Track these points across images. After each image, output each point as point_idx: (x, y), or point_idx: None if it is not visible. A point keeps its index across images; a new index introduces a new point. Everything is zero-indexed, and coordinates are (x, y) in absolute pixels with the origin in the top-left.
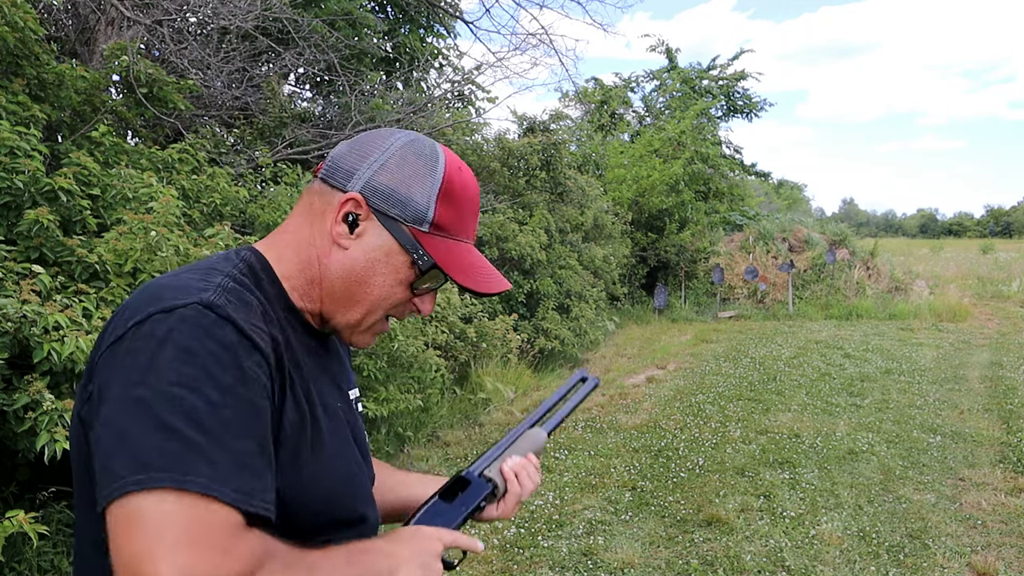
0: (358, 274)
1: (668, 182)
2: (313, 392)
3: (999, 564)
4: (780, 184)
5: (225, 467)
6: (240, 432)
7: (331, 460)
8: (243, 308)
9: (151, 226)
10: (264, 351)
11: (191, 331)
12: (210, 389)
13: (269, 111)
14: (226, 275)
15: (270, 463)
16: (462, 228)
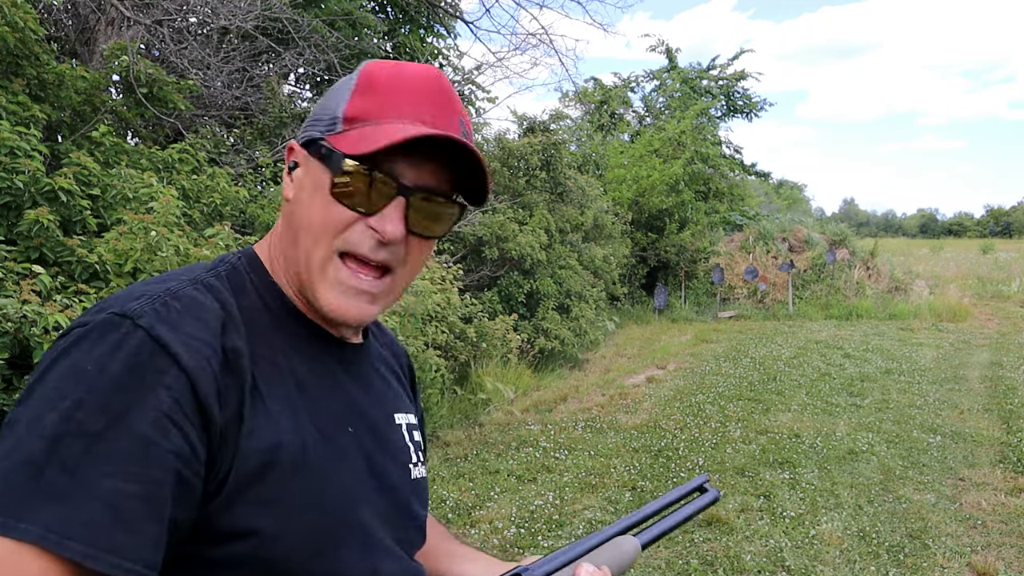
0: (295, 213)
1: (668, 182)
2: (303, 412)
3: (999, 564)
4: (780, 184)
5: (80, 512)
6: (123, 473)
7: (311, 495)
8: (182, 317)
9: (151, 226)
10: (188, 367)
11: (90, 346)
12: (94, 416)
13: (269, 111)
14: (188, 280)
15: (158, 513)
16: (389, 111)
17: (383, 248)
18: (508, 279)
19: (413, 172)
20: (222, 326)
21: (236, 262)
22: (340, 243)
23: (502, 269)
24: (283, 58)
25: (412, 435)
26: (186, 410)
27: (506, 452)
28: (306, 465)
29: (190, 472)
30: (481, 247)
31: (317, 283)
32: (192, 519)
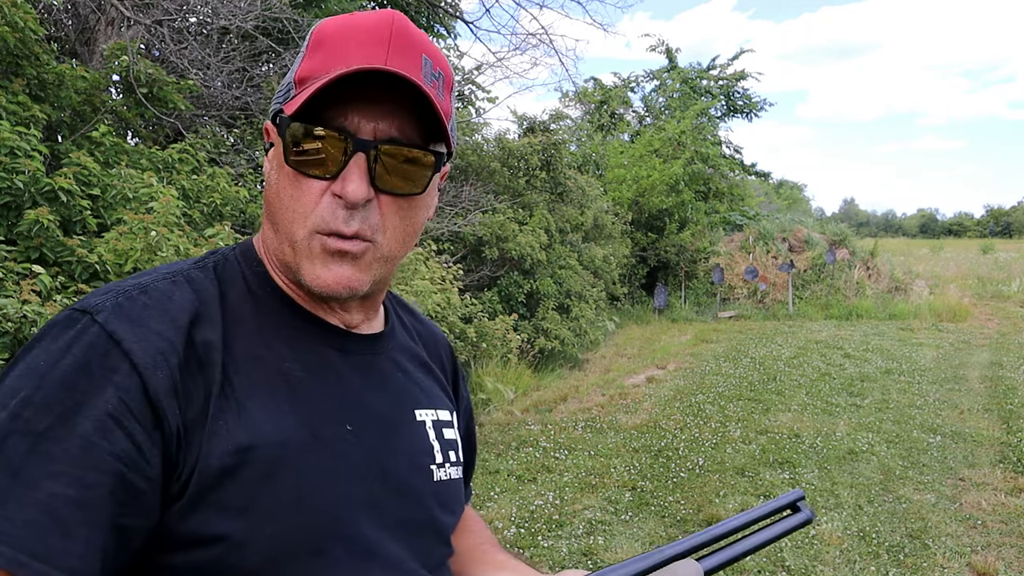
0: (267, 194)
1: (668, 182)
2: (288, 410)
3: (999, 564)
4: (780, 184)
5: (18, 515)
6: (62, 475)
7: (289, 501)
8: (146, 311)
9: (151, 226)
10: (139, 364)
11: (48, 342)
12: (39, 414)
13: (269, 111)
14: (164, 274)
15: (94, 518)
16: (336, 62)
17: (353, 217)
18: (508, 279)
19: (370, 124)
20: (191, 320)
21: (228, 253)
22: (313, 222)
23: (502, 269)
24: (283, 58)
25: (441, 433)
26: (134, 410)
27: (506, 452)
28: (286, 468)
29: (136, 475)
30: (481, 247)
31: (302, 262)
32: (148, 525)
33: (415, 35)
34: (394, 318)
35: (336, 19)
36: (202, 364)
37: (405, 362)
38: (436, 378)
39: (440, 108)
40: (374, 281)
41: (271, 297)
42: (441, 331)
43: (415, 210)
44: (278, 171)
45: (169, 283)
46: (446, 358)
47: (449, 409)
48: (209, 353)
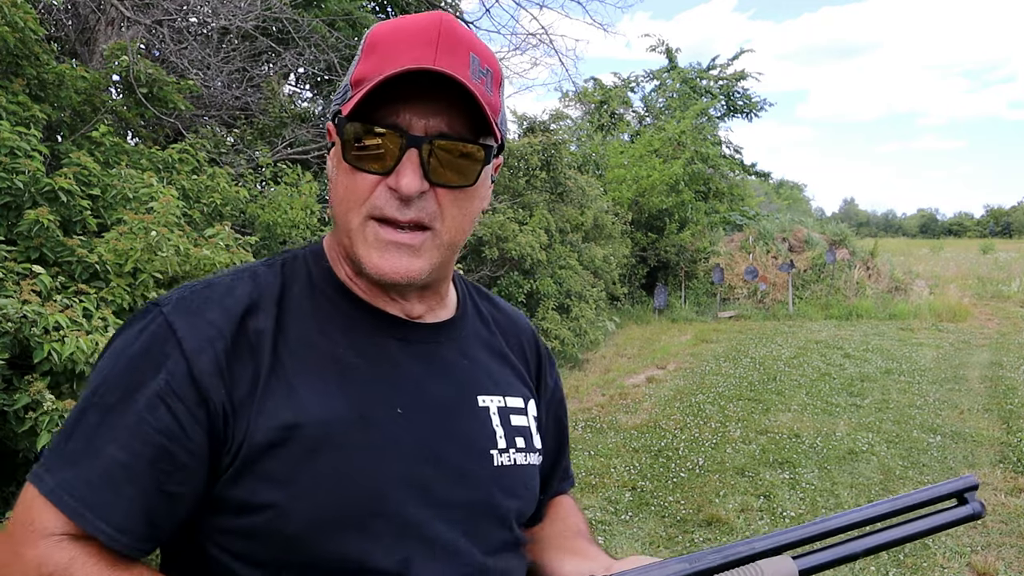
0: (330, 190)
1: (668, 182)
2: (339, 393)
3: (999, 564)
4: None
5: (83, 474)
6: (120, 442)
7: (332, 477)
8: (206, 304)
9: (151, 226)
10: (188, 350)
11: (126, 329)
12: (111, 391)
13: (269, 111)
14: (234, 271)
15: (139, 482)
16: (388, 64)
17: (409, 206)
18: (508, 279)
19: (422, 121)
20: (245, 310)
21: (299, 252)
22: (367, 209)
23: (502, 269)
24: (283, 58)
25: (508, 419)
26: (178, 391)
27: None
28: (329, 445)
29: (178, 448)
30: (481, 247)
31: (358, 248)
32: (195, 492)
33: (463, 34)
34: (468, 306)
35: (388, 23)
36: (253, 349)
37: (474, 350)
38: (511, 365)
39: (486, 103)
40: (432, 267)
41: (333, 290)
42: (525, 320)
43: (469, 201)
44: (337, 167)
45: (233, 279)
46: (528, 346)
47: (523, 396)
48: (260, 339)
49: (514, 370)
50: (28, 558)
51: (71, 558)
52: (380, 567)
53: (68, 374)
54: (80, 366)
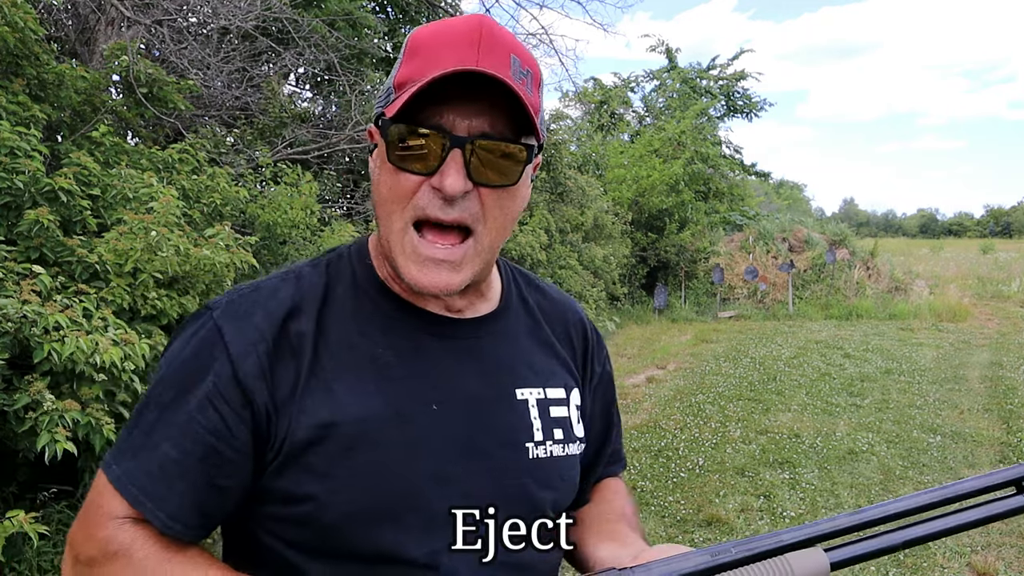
0: (373, 191)
1: (668, 182)
2: (375, 391)
3: (999, 564)
4: (780, 184)
5: (143, 465)
6: (173, 440)
7: (367, 473)
8: (252, 307)
9: (151, 226)
10: (233, 353)
11: (182, 331)
12: (167, 389)
13: (269, 111)
14: (281, 273)
15: (190, 477)
16: (431, 66)
17: (452, 206)
18: None
19: (465, 121)
20: (288, 313)
21: (344, 250)
22: (411, 212)
23: None
24: (283, 58)
25: (547, 411)
26: (225, 393)
27: None
28: (365, 442)
29: (225, 446)
30: None
31: (397, 256)
32: (242, 485)
33: (503, 36)
34: (513, 297)
35: (429, 26)
36: (294, 351)
37: (516, 341)
38: (556, 355)
39: (528, 103)
40: (472, 276)
41: (374, 289)
42: (574, 306)
43: (511, 200)
44: (381, 168)
45: (279, 281)
46: (575, 333)
47: (565, 386)
48: (301, 342)
49: (558, 359)
50: (98, 538)
51: (132, 539)
52: (412, 558)
53: (68, 374)
54: (80, 366)
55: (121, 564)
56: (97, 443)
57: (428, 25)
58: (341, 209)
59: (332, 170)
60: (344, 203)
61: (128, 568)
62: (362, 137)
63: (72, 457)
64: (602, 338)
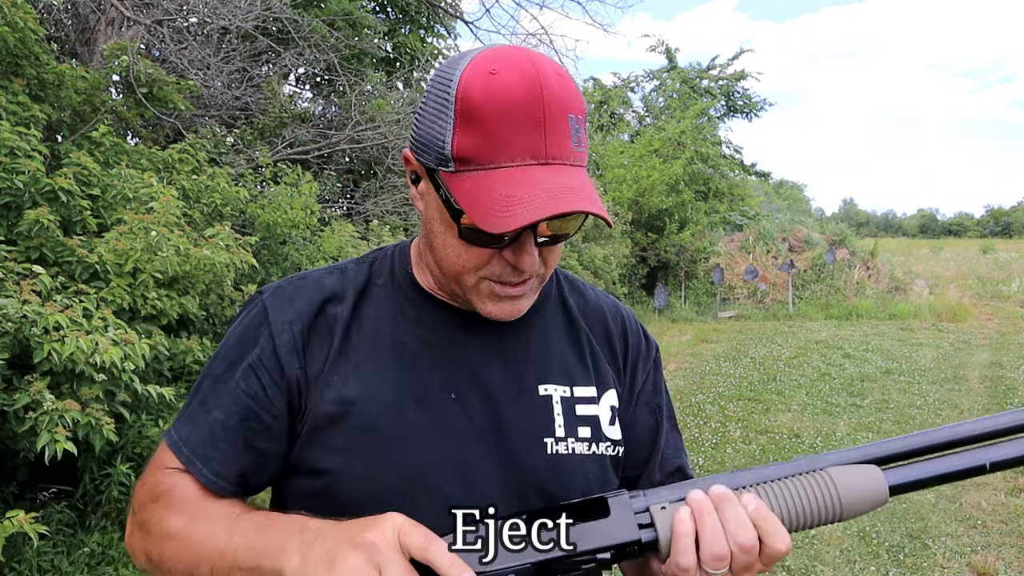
0: (430, 235)
1: (668, 182)
2: (395, 376)
3: (999, 564)
4: (780, 184)
5: (196, 431)
6: (221, 405)
7: (381, 453)
8: (297, 291)
9: (151, 226)
10: (274, 329)
11: (240, 314)
12: (220, 363)
13: (269, 111)
14: (328, 267)
15: (233, 437)
16: (497, 150)
17: (523, 275)
18: None
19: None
20: (327, 298)
21: (389, 250)
22: (483, 273)
23: None
24: (283, 58)
25: (571, 408)
26: (266, 363)
27: None
28: (382, 422)
29: (262, 410)
30: None
31: (472, 299)
32: (278, 450)
33: (560, 96)
34: (551, 298)
35: (480, 82)
36: (329, 332)
37: (547, 339)
38: (594, 355)
39: (597, 207)
40: (532, 302)
41: (410, 286)
42: (619, 311)
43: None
44: (444, 230)
45: (325, 273)
46: (616, 336)
47: (598, 386)
48: (335, 324)
49: (595, 359)
50: (149, 483)
51: (175, 482)
52: None
53: (68, 374)
54: (80, 366)
55: (164, 502)
56: (97, 443)
57: (477, 77)
58: (341, 209)
59: (332, 170)
60: (344, 203)
61: (170, 504)
62: (362, 137)
63: (72, 457)
64: (652, 342)
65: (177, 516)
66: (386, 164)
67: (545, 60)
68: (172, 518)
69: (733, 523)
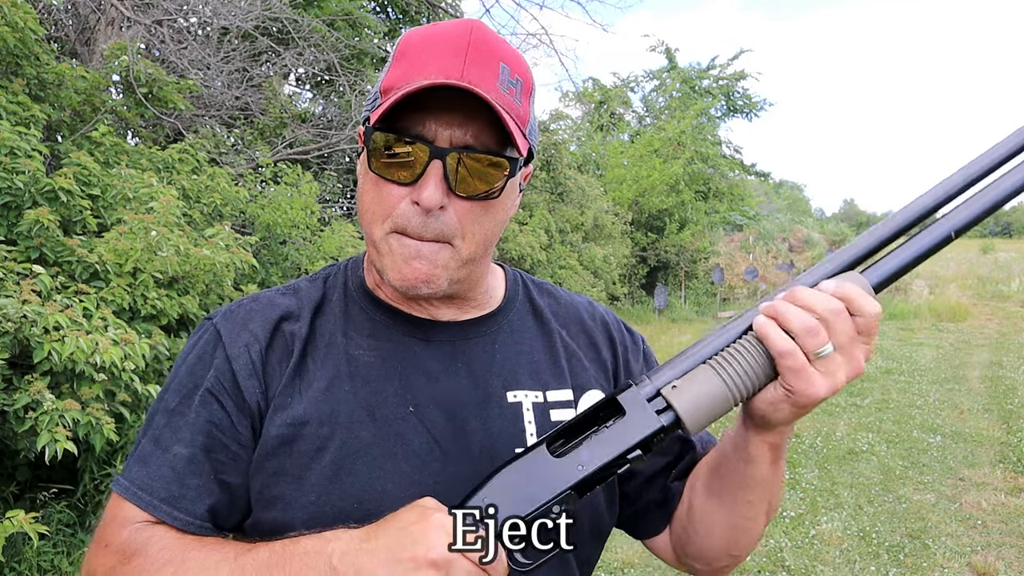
0: (358, 197)
1: (668, 182)
2: (349, 392)
3: (999, 564)
4: (780, 184)
5: (156, 472)
6: (182, 439)
7: (335, 475)
8: (249, 314)
9: (151, 226)
10: (230, 352)
11: (190, 340)
12: (173, 395)
13: (269, 111)
14: (280, 288)
15: (200, 470)
16: (416, 72)
17: (430, 221)
18: None
19: (447, 132)
20: (281, 317)
21: (342, 265)
22: (391, 223)
23: None
24: (283, 58)
25: (544, 414)
26: (225, 386)
27: None
28: (334, 442)
29: (228, 439)
30: None
31: (383, 259)
32: (247, 484)
33: (493, 44)
34: (517, 300)
35: (420, 30)
36: (287, 351)
37: (513, 344)
38: (572, 357)
39: (514, 115)
40: (451, 281)
41: (362, 297)
42: (594, 309)
43: (493, 212)
44: (364, 175)
45: (277, 294)
46: (599, 334)
47: (575, 388)
48: (292, 342)
49: (570, 360)
50: (116, 544)
51: (149, 536)
52: None
53: (68, 374)
54: (80, 366)
55: (139, 561)
56: (97, 443)
57: (420, 28)
58: (341, 209)
59: (332, 170)
60: (344, 203)
61: (147, 563)
62: None
63: (72, 457)
64: (637, 335)
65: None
66: None
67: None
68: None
69: (813, 300)
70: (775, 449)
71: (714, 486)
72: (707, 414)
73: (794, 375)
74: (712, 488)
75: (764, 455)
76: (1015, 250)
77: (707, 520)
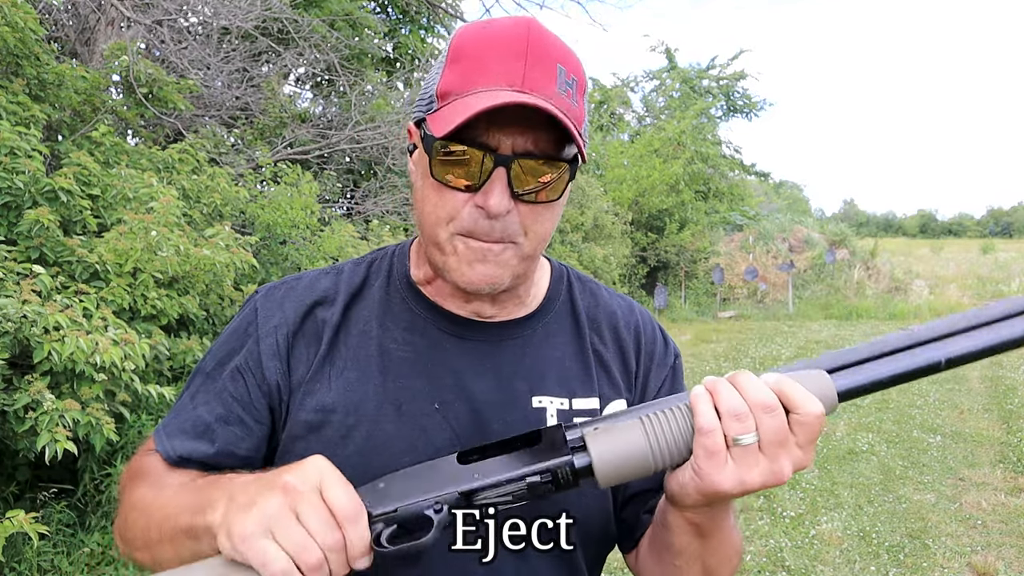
0: (415, 200)
1: (668, 182)
2: (378, 384)
3: (999, 564)
4: (780, 184)
5: (179, 420)
6: (208, 403)
7: (358, 463)
8: (288, 294)
9: (151, 226)
10: (260, 333)
11: (239, 312)
12: (211, 360)
13: (269, 111)
14: (325, 268)
15: (213, 438)
16: (476, 77)
17: (495, 225)
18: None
19: (509, 140)
20: (316, 301)
21: (389, 249)
22: (454, 227)
23: None
24: (283, 58)
25: (567, 422)
26: (251, 366)
27: None
28: (360, 431)
29: (246, 414)
30: None
31: (448, 260)
32: (257, 456)
33: (550, 44)
34: (558, 300)
35: (474, 28)
36: (317, 337)
37: (545, 348)
38: (601, 362)
39: (572, 118)
40: (514, 276)
41: (406, 287)
42: (631, 314)
43: (552, 210)
44: (423, 180)
45: (321, 274)
46: (628, 341)
47: (601, 397)
48: (323, 328)
49: (601, 367)
50: (132, 465)
51: (148, 460)
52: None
53: (68, 374)
54: (80, 366)
55: (139, 479)
56: (97, 443)
57: (473, 26)
58: (341, 209)
59: (332, 170)
60: (344, 203)
61: (141, 479)
62: (362, 137)
63: (72, 457)
64: (672, 350)
65: (141, 488)
66: (386, 164)
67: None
68: (137, 490)
69: (750, 387)
70: (696, 527)
71: (653, 538)
72: (621, 465)
73: (706, 456)
74: (651, 539)
75: (683, 527)
76: (1015, 250)
77: (649, 567)
